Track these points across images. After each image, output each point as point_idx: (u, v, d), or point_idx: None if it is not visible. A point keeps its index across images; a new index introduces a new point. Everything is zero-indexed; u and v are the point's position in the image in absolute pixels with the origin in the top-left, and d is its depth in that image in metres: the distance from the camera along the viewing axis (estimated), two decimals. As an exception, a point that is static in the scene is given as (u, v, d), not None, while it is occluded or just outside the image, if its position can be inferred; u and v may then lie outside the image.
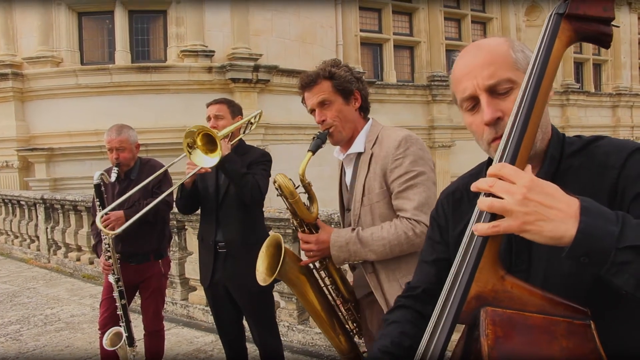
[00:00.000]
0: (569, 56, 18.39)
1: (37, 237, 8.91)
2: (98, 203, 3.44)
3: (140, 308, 3.92)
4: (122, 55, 10.85)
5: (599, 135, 1.17)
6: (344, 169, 2.37)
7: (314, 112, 2.27)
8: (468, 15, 16.87)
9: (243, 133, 3.39)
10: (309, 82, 2.23)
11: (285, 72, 11.58)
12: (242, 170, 3.03)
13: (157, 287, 3.82)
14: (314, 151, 2.19)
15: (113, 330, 3.46)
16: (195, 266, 5.45)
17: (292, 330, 4.70)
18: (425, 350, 0.95)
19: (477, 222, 0.95)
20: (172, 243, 5.37)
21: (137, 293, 3.88)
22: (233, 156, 3.01)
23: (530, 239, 0.89)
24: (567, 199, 0.88)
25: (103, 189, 3.48)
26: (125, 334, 3.43)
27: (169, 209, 3.80)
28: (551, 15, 1.05)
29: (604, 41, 1.05)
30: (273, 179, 2.29)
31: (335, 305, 2.42)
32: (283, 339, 3.92)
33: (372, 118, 2.35)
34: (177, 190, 3.29)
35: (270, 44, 11.72)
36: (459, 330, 1.01)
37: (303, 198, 2.26)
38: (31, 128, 10.93)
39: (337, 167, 2.45)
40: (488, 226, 0.91)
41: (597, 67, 20.28)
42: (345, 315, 2.43)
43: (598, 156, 1.11)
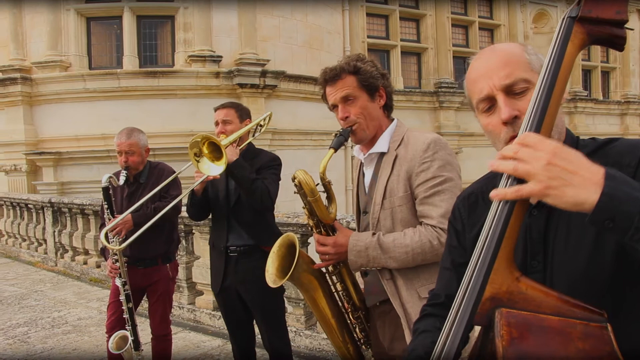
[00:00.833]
0: (577, 63, 18.32)
1: (45, 240, 8.95)
2: (106, 206, 3.45)
3: (147, 312, 3.92)
4: (130, 60, 10.90)
5: (613, 137, 1.16)
6: (363, 169, 2.24)
7: (335, 109, 2.14)
8: (475, 22, 16.85)
9: (252, 136, 3.38)
10: (332, 76, 2.10)
11: (293, 77, 11.60)
12: (252, 176, 3.00)
13: (165, 291, 3.82)
14: (337, 148, 2.08)
15: (119, 333, 3.45)
16: (202, 270, 5.46)
17: (300, 335, 4.69)
18: (440, 351, 0.95)
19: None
20: (179, 247, 5.37)
21: (145, 297, 3.89)
22: (241, 162, 2.98)
23: (551, 204, 0.89)
24: (592, 166, 0.89)
25: (111, 192, 3.49)
26: (131, 338, 3.42)
27: (177, 213, 3.79)
28: (564, 18, 1.05)
29: (618, 44, 1.04)
30: (292, 175, 2.18)
31: (345, 312, 2.33)
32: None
33: (397, 118, 2.24)
34: (187, 197, 3.28)
35: (277, 50, 11.74)
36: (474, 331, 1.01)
37: (322, 198, 2.16)
38: (39, 132, 10.98)
39: (355, 169, 2.33)
40: (511, 190, 0.91)
41: (606, 74, 20.17)
42: (354, 324, 2.33)
43: (612, 156, 1.11)
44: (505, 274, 0.92)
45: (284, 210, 4.98)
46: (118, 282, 3.40)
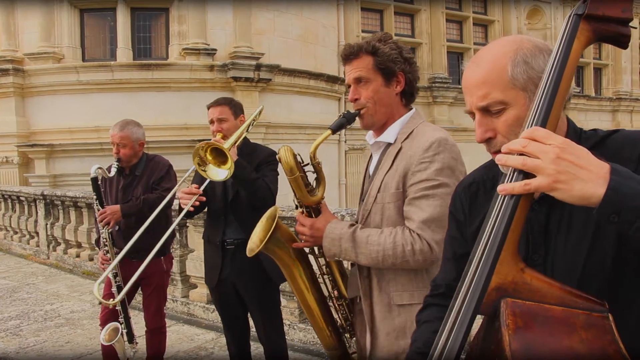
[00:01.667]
0: (570, 60, 18.41)
1: (37, 233, 8.90)
2: (95, 196, 3.44)
3: (142, 305, 3.91)
4: (124, 52, 10.86)
5: (614, 129, 1.18)
6: (372, 155, 2.14)
7: (350, 89, 2.01)
8: (470, 17, 16.91)
9: (247, 131, 3.37)
10: (349, 54, 1.97)
11: (287, 71, 11.60)
12: (253, 176, 2.98)
13: (159, 284, 3.81)
14: (335, 130, 1.95)
15: (111, 325, 3.42)
16: (196, 263, 5.46)
17: (293, 328, 4.70)
18: (446, 340, 0.96)
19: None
20: (173, 240, 5.36)
21: (139, 290, 3.88)
22: (242, 162, 2.94)
23: (559, 198, 0.91)
24: (598, 162, 0.91)
25: (100, 182, 3.48)
26: (124, 330, 3.40)
27: (169, 205, 3.78)
28: (570, 15, 1.06)
29: (622, 42, 1.06)
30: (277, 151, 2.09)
31: (329, 298, 2.24)
32: (284, 336, 3.92)
33: (414, 109, 2.09)
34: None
35: (272, 43, 11.73)
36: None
37: (311, 178, 2.05)
38: (32, 124, 10.93)
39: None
40: (519, 184, 0.92)
41: (598, 71, 20.34)
42: (337, 310, 2.24)
43: (611, 149, 1.12)
44: (510, 265, 0.93)
45: (279, 204, 4.97)
46: (109, 273, 3.35)
